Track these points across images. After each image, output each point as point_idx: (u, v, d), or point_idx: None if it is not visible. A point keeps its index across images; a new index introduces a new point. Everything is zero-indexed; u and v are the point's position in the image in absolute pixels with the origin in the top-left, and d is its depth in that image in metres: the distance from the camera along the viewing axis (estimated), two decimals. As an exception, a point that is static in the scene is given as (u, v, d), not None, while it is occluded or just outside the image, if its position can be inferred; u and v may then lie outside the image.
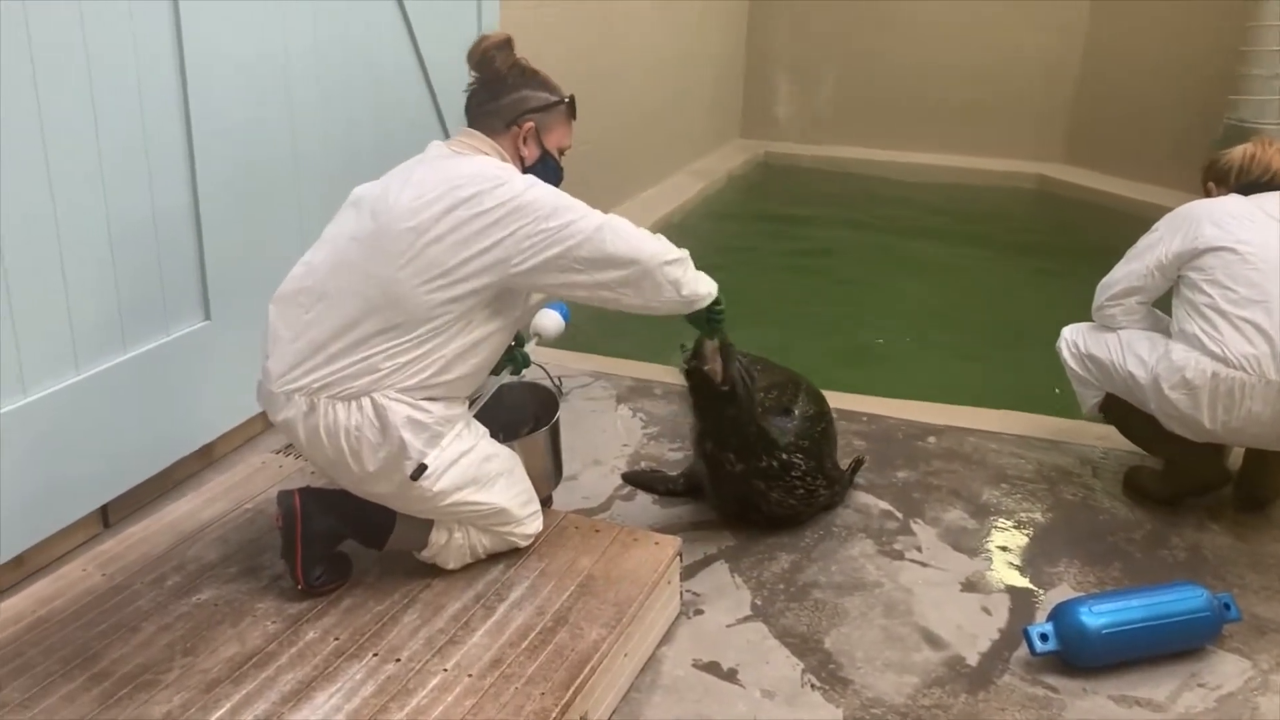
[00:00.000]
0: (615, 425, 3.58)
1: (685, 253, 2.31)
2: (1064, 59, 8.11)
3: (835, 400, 3.26)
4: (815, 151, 8.77)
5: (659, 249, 2.24)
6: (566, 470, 2.93)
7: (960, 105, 8.46)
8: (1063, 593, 2.66)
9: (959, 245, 6.74)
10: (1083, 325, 3.23)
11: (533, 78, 2.36)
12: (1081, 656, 2.35)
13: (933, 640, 2.48)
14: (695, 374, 2.68)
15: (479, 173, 2.18)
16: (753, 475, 2.78)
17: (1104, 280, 3.14)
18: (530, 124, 2.33)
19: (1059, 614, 2.38)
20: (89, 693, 1.97)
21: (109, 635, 2.14)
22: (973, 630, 2.53)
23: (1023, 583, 2.72)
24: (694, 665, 2.37)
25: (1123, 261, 3.11)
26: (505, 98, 2.32)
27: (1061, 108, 8.23)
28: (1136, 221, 3.38)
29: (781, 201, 7.93)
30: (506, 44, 2.32)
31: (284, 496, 2.28)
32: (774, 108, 9.03)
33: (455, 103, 3.94)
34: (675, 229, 6.76)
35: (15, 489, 2.51)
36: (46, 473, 2.59)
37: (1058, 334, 3.29)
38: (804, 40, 8.78)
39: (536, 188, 2.18)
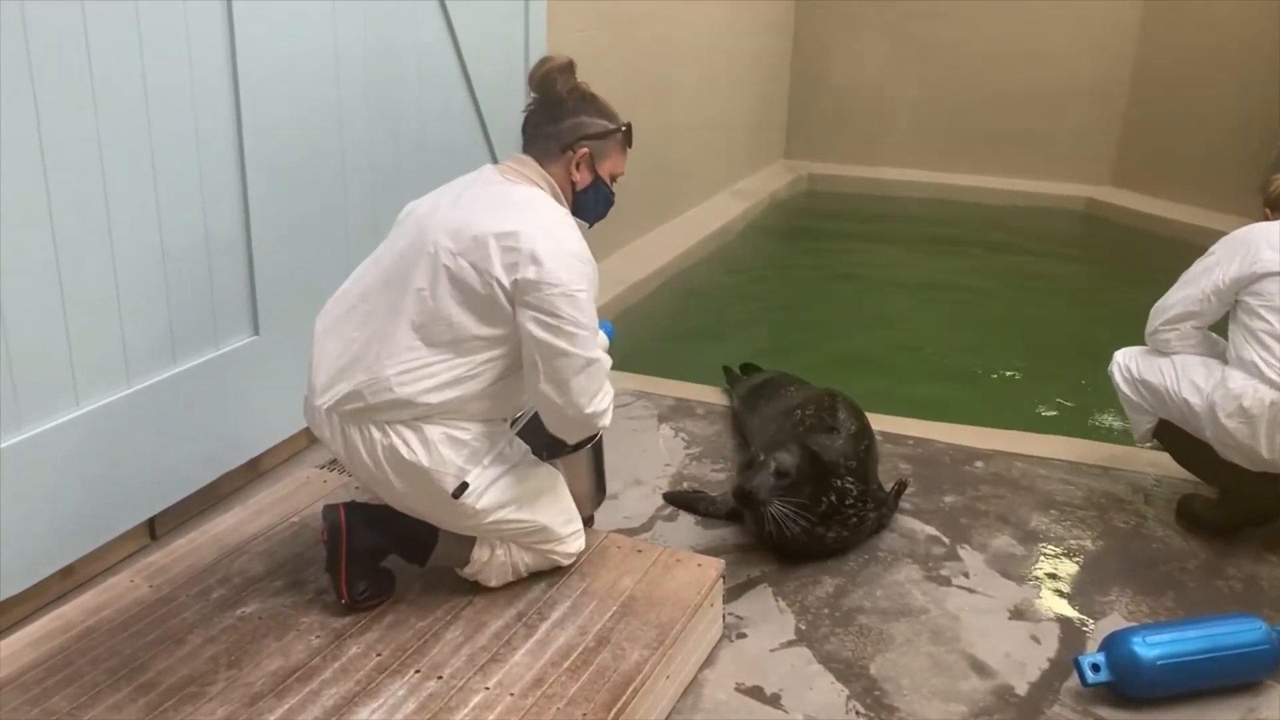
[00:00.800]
0: (657, 445, 3.56)
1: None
2: (1113, 82, 8.03)
3: (880, 423, 3.24)
4: (859, 173, 8.74)
5: (597, 410, 2.24)
6: (608, 490, 2.92)
7: (1007, 128, 8.40)
8: (1114, 622, 2.60)
9: (1005, 268, 6.67)
10: (1135, 349, 3.17)
11: (592, 103, 2.34)
12: (1134, 688, 2.29)
13: (980, 668, 2.44)
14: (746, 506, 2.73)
15: (529, 207, 2.19)
16: (812, 526, 2.74)
17: (1158, 304, 3.09)
18: (585, 150, 2.32)
19: (1112, 644, 2.33)
20: (135, 703, 1.99)
21: (155, 646, 2.15)
22: (1021, 659, 2.48)
23: (1073, 611, 2.67)
24: (737, 689, 2.34)
25: (1178, 285, 3.05)
26: (563, 122, 2.31)
27: (1110, 131, 8.14)
28: (1186, 246, 3.33)
29: (824, 222, 7.90)
30: (569, 68, 2.32)
31: (329, 511, 2.29)
32: (819, 129, 9.01)
33: (499, 120, 4.03)
34: (717, 248, 6.77)
35: (66, 500, 2.55)
36: (96, 484, 2.63)
37: (1108, 358, 3.24)
38: (849, 63, 8.77)
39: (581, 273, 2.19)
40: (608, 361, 2.28)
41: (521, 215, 2.16)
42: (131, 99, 2.56)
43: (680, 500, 3.17)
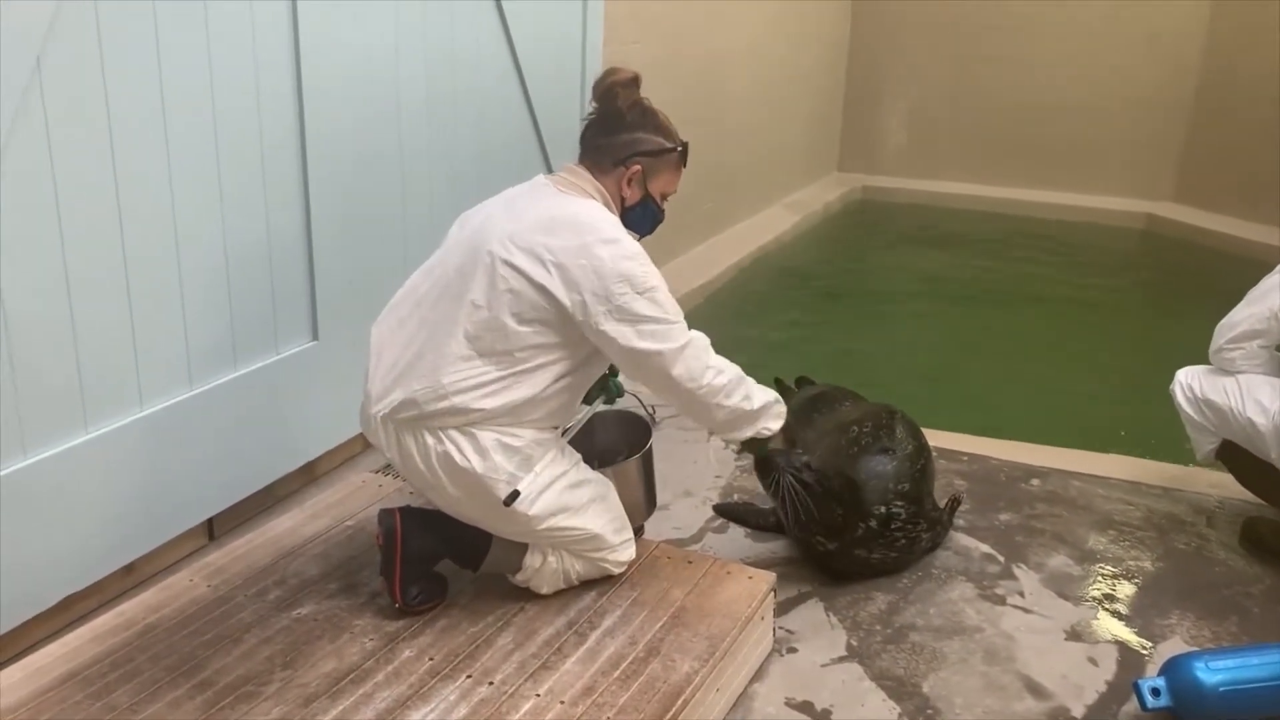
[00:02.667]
0: (707, 456, 3.55)
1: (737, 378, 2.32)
2: (1176, 92, 7.86)
3: (935, 439, 3.19)
4: (914, 186, 8.66)
5: (714, 385, 2.26)
6: (658, 500, 2.91)
7: (1065, 141, 8.27)
8: (1175, 646, 2.55)
9: (1063, 284, 6.57)
10: (1198, 368, 3.11)
11: (651, 119, 2.35)
12: (1196, 714, 2.24)
13: (1036, 690, 2.40)
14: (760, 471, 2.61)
15: (583, 217, 2.20)
16: (850, 548, 2.72)
17: (1223, 322, 3.02)
18: (638, 167, 2.32)
19: (1172, 668, 2.27)
20: (193, 701, 2.02)
21: (213, 645, 2.19)
22: (1078, 681, 2.43)
23: (1132, 634, 2.61)
24: (787, 704, 2.32)
25: (1243, 303, 2.98)
26: (620, 136, 2.31)
27: (1172, 145, 7.98)
28: (1251, 263, 3.26)
29: (878, 235, 7.85)
30: (633, 82, 2.32)
31: (385, 516, 2.32)
32: (872, 141, 8.95)
33: (554, 127, 4.06)
34: (770, 260, 6.75)
35: (128, 498, 2.60)
36: (157, 484, 2.68)
37: (1168, 377, 3.17)
38: (905, 75, 8.71)
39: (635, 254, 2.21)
40: (702, 338, 2.28)
41: (576, 227, 2.17)
42: (199, 108, 2.62)
43: (730, 512, 3.16)
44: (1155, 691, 2.25)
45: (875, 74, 8.79)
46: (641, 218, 2.38)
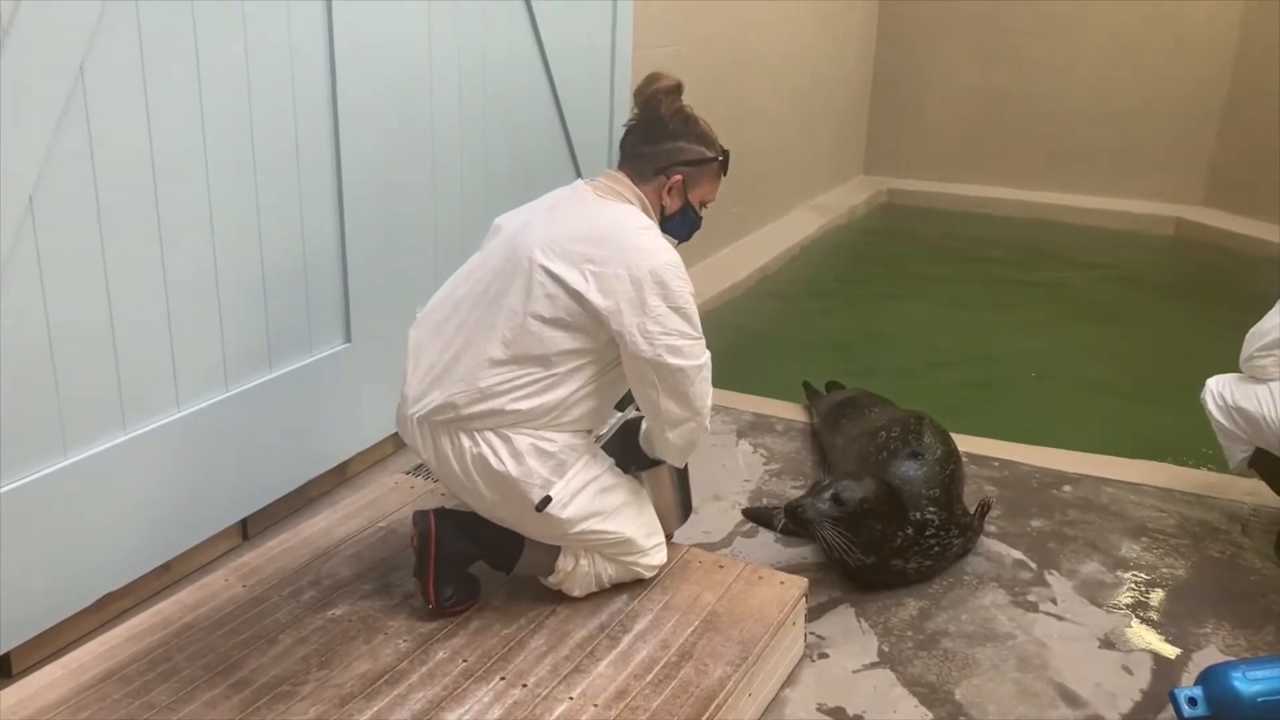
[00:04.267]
0: (736, 460, 3.55)
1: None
2: (1207, 94, 7.79)
3: (965, 444, 3.18)
4: (939, 189, 8.62)
5: (706, 409, 2.29)
6: (689, 504, 2.92)
7: (1094, 144, 8.21)
8: (1210, 655, 2.53)
9: (1091, 288, 6.52)
10: (1229, 376, 3.08)
11: (693, 128, 2.35)
12: (1233, 725, 2.22)
13: (1070, 698, 2.38)
14: (793, 522, 2.69)
15: (623, 225, 2.21)
16: (887, 559, 2.71)
17: (1254, 329, 2.99)
18: (679, 177, 2.33)
19: (1209, 678, 2.25)
20: (230, 700, 2.04)
21: (249, 645, 2.21)
22: (1112, 689, 2.42)
23: (1166, 643, 2.60)
24: (818, 709, 2.32)
25: (1275, 310, 2.96)
26: (662, 144, 2.32)
27: (1202, 149, 7.91)
28: (1280, 268, 3.22)
29: (904, 239, 7.82)
30: (675, 90, 2.32)
31: (420, 517, 2.33)
32: (899, 144, 8.92)
33: (583, 131, 4.07)
34: (796, 263, 6.74)
35: (165, 498, 2.63)
36: (193, 484, 2.71)
37: (1198, 383, 3.14)
38: (931, 77, 8.66)
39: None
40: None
41: (616, 235, 2.18)
42: (236, 114, 2.64)
43: (760, 516, 3.16)
44: (1192, 701, 2.23)
45: (902, 77, 8.76)
46: (680, 225, 2.39)
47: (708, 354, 2.27)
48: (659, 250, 2.19)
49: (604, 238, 2.18)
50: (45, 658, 2.33)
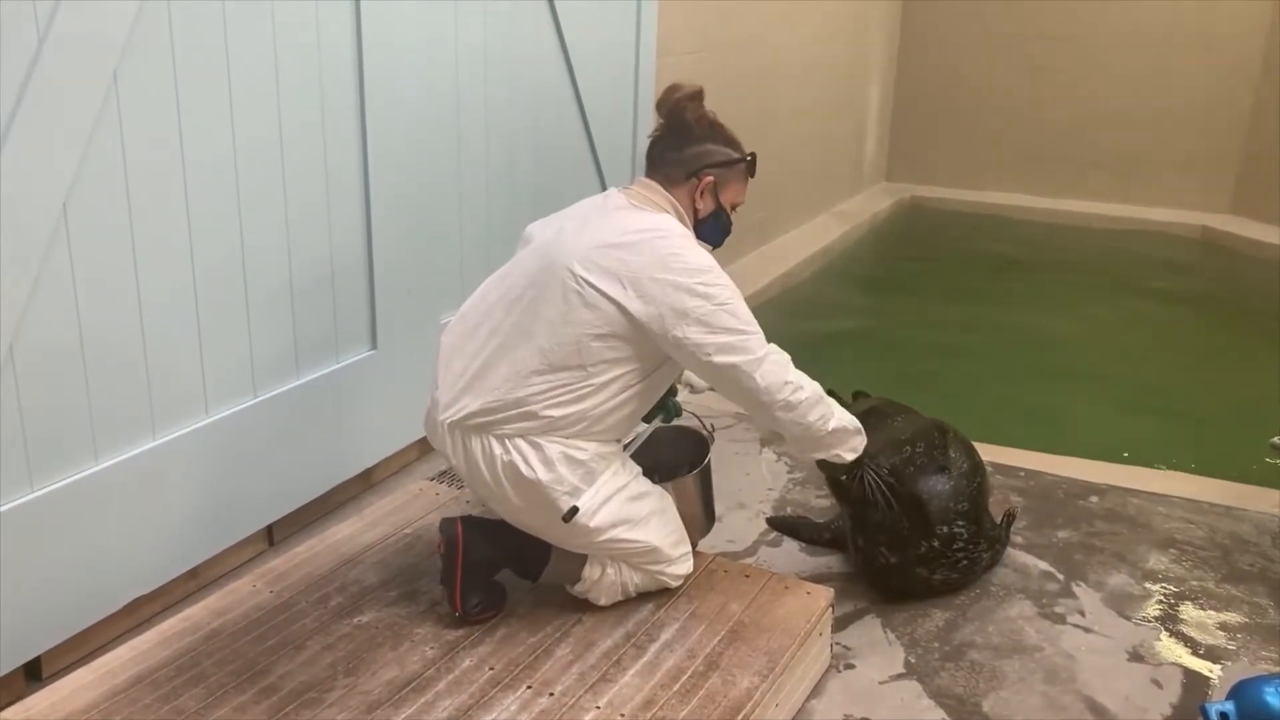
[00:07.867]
0: (759, 469, 3.55)
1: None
2: (1235, 100, 7.73)
3: (990, 453, 3.16)
4: (962, 196, 8.59)
5: (793, 400, 2.28)
6: (714, 513, 2.91)
7: (1117, 151, 8.16)
8: (1241, 670, 2.50)
9: (1116, 297, 6.48)
10: None
11: (719, 132, 2.38)
12: (1265, 740, 2.19)
13: (1098, 711, 2.36)
14: (834, 483, 2.65)
15: (659, 232, 2.22)
16: (912, 565, 2.70)
17: None
18: (710, 178, 2.35)
19: (1241, 692, 2.23)
20: (259, 706, 2.05)
21: (277, 651, 2.22)
22: (1141, 703, 2.39)
23: (1196, 656, 2.57)
24: (845, 720, 2.31)
25: None
26: (690, 149, 2.34)
27: (1229, 157, 7.84)
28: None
29: (927, 245, 7.79)
30: (698, 96, 2.35)
31: (446, 524, 2.34)
32: (922, 151, 8.89)
33: (607, 138, 4.07)
34: (818, 270, 6.72)
35: (193, 503, 2.65)
36: (221, 490, 2.72)
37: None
38: (955, 83, 8.64)
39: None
40: (782, 354, 2.31)
41: (652, 242, 2.19)
42: (266, 122, 2.66)
43: (784, 525, 3.15)
44: (1224, 716, 2.21)
45: (925, 83, 8.74)
46: (714, 229, 2.40)
47: (768, 346, 2.25)
48: (695, 255, 2.20)
49: (641, 246, 2.18)
50: (75, 661, 2.35)
